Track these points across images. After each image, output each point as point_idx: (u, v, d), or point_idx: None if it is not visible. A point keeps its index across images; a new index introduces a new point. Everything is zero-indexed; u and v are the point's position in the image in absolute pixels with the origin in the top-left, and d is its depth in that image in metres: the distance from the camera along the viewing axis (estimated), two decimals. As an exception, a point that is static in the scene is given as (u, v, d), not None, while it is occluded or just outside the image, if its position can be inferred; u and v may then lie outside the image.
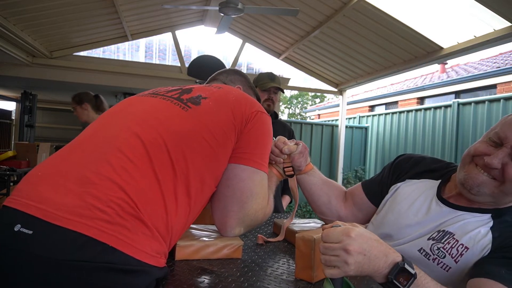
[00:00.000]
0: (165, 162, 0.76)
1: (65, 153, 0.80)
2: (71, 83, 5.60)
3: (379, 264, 0.66)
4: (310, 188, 1.22)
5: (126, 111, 0.89)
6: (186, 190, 0.78)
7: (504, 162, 0.82)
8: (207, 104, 0.90)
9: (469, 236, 0.84)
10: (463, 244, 0.84)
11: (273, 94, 2.29)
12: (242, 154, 0.91)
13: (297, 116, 17.54)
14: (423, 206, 0.97)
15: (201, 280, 0.80)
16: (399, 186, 1.07)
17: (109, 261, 0.62)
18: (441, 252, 0.86)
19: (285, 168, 1.17)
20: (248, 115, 0.93)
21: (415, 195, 1.01)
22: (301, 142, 1.19)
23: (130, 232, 0.66)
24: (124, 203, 0.67)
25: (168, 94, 0.94)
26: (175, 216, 0.75)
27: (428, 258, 0.87)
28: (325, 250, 0.66)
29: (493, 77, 7.18)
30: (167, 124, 0.82)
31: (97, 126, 0.87)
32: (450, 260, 0.84)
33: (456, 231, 0.87)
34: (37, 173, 0.75)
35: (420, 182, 1.04)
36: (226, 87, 1.05)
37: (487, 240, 0.83)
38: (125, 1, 4.38)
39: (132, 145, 0.76)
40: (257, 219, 0.97)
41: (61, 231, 0.62)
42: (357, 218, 1.18)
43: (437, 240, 0.88)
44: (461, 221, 0.88)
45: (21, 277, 0.61)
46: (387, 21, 3.91)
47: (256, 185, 0.93)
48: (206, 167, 0.83)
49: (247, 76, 1.26)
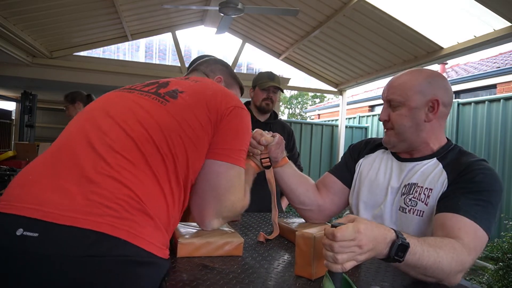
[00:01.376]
0: (156, 157, 0.77)
1: (55, 152, 0.78)
2: (71, 83, 5.59)
3: (381, 246, 0.74)
4: (288, 179, 1.27)
5: (109, 109, 0.87)
6: (177, 180, 0.80)
7: (388, 112, 1.13)
8: (183, 98, 0.91)
9: (429, 179, 1.05)
10: (427, 188, 1.04)
11: (272, 93, 2.28)
12: (219, 150, 0.92)
13: (297, 116, 17.55)
14: (387, 169, 1.18)
15: (202, 277, 0.81)
16: (361, 161, 1.28)
17: (123, 254, 0.64)
18: (412, 201, 1.06)
19: (262, 160, 1.19)
20: (224, 110, 0.92)
21: (377, 163, 1.22)
22: (277, 134, 1.22)
23: (139, 226, 0.67)
24: (131, 199, 0.69)
25: (145, 89, 0.94)
26: (173, 207, 0.78)
27: (406, 211, 1.06)
28: (341, 248, 0.68)
29: (493, 77, 7.20)
30: (150, 119, 0.83)
31: (82, 123, 0.85)
32: (421, 204, 1.04)
33: (418, 180, 1.08)
34: (27, 177, 0.74)
35: (376, 154, 1.26)
36: (204, 80, 1.05)
37: (443, 177, 1.03)
38: (125, 1, 4.38)
39: (124, 144, 0.77)
40: (236, 210, 0.99)
41: (70, 230, 0.63)
42: (334, 203, 1.29)
43: (407, 193, 1.08)
44: (418, 171, 1.09)
45: (33, 280, 0.60)
46: (387, 21, 3.92)
47: (232, 179, 0.94)
48: (188, 157, 0.84)
49: (229, 65, 1.26)
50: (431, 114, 1.08)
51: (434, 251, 0.79)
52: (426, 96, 1.07)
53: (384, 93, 1.15)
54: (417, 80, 1.08)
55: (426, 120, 1.08)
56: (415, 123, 1.08)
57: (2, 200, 0.69)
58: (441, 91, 1.08)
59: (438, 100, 1.07)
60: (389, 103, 1.13)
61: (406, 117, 1.08)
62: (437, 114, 1.08)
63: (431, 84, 1.08)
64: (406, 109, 1.08)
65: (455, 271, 0.83)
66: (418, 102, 1.07)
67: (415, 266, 0.79)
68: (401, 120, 1.09)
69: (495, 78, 7.18)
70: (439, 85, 1.09)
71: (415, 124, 1.08)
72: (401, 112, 1.09)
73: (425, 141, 1.10)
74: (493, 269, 3.18)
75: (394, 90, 1.11)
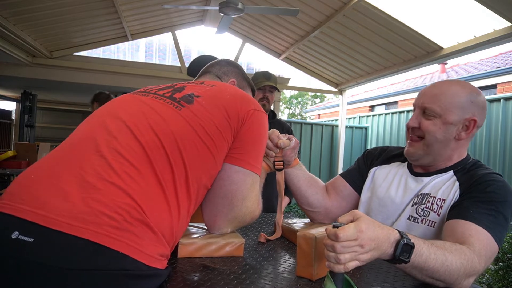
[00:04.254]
0: (165, 165, 0.74)
1: (59, 154, 0.77)
2: (71, 83, 5.61)
3: (385, 246, 0.72)
4: (298, 180, 1.26)
5: (120, 111, 0.85)
6: (186, 192, 0.77)
7: (419, 120, 1.06)
8: (200, 103, 0.87)
9: (442, 190, 1.03)
10: (440, 198, 1.01)
11: (268, 93, 2.26)
12: (237, 155, 0.90)
13: (297, 116, 17.55)
14: (400, 184, 1.13)
15: (203, 277, 0.80)
16: (374, 170, 1.23)
17: (122, 267, 0.62)
18: (425, 211, 1.03)
19: (275, 162, 1.18)
20: (244, 114, 0.90)
21: (390, 177, 1.18)
22: (294, 137, 1.20)
23: (138, 238, 0.65)
24: (132, 209, 0.66)
25: (160, 93, 0.91)
26: (178, 218, 0.74)
27: (417, 221, 1.03)
28: (343, 248, 0.67)
29: (493, 77, 7.20)
30: (163, 124, 0.80)
31: (91, 126, 0.83)
32: (433, 215, 1.01)
33: (431, 190, 1.05)
34: (30, 176, 0.72)
35: (390, 166, 1.21)
36: (220, 84, 1.01)
37: (455, 187, 1.01)
38: (125, 1, 4.38)
39: (132, 149, 0.74)
40: (245, 221, 0.98)
41: (66, 238, 0.60)
42: (342, 207, 1.27)
43: (419, 203, 1.05)
44: (431, 184, 1.06)
45: (25, 287, 0.58)
46: (387, 21, 3.92)
47: (248, 188, 0.92)
48: (203, 167, 0.82)
49: (241, 67, 1.23)
50: (464, 132, 1.03)
51: (442, 254, 0.77)
52: (465, 114, 1.01)
53: (420, 99, 1.07)
54: (460, 95, 1.02)
55: (456, 138, 1.03)
56: (446, 138, 1.03)
57: (3, 199, 0.68)
58: (480, 111, 1.02)
59: (476, 120, 1.01)
60: (423, 110, 1.05)
61: (440, 129, 1.02)
62: (469, 134, 1.03)
63: (473, 103, 1.02)
64: (441, 121, 1.02)
65: (464, 275, 0.80)
66: (455, 118, 1.01)
67: (422, 269, 0.76)
68: (434, 131, 1.02)
69: (495, 78, 7.19)
70: (480, 105, 1.03)
71: (445, 139, 1.03)
72: (435, 123, 1.02)
73: (447, 157, 1.06)
74: (493, 269, 3.18)
75: (434, 99, 1.03)
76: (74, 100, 9.08)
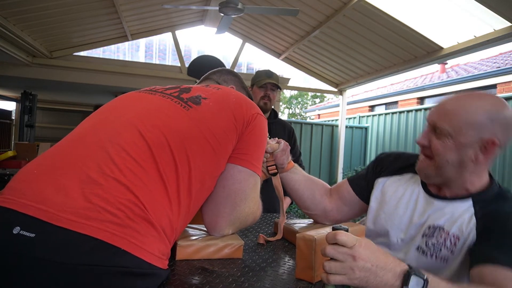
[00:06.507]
0: (169, 163, 0.75)
1: (62, 148, 0.76)
2: (71, 83, 5.60)
3: (388, 276, 0.65)
4: (294, 184, 1.25)
5: (126, 108, 0.86)
6: (188, 191, 0.77)
7: (430, 138, 0.94)
8: (207, 104, 0.89)
9: (456, 225, 0.91)
10: (454, 234, 0.90)
11: (270, 91, 2.22)
12: (241, 155, 0.91)
13: (297, 116, 17.54)
14: (410, 201, 1.03)
15: (201, 280, 0.80)
16: (384, 182, 1.13)
17: (122, 264, 0.61)
18: (436, 247, 0.92)
19: (268, 167, 1.18)
20: (249, 117, 0.93)
21: (401, 191, 1.07)
22: (282, 141, 1.20)
23: (140, 235, 0.65)
24: (134, 205, 0.66)
25: (167, 92, 0.92)
26: (178, 216, 0.75)
27: (426, 254, 0.93)
28: (335, 252, 0.65)
29: (493, 77, 7.19)
30: (170, 123, 0.81)
31: (95, 121, 0.83)
32: (446, 252, 0.90)
33: (445, 224, 0.93)
34: (32, 171, 0.71)
35: (403, 177, 1.11)
36: (225, 88, 1.04)
37: (472, 225, 0.89)
38: (125, 1, 4.38)
39: (136, 145, 0.74)
40: (247, 222, 0.99)
41: (67, 234, 0.60)
42: (342, 212, 1.23)
43: (430, 236, 0.94)
44: (447, 215, 0.94)
45: (24, 283, 0.58)
46: (387, 21, 3.91)
47: (250, 188, 0.93)
48: (207, 168, 0.83)
49: (240, 76, 1.26)
50: (481, 155, 0.89)
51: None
52: (482, 134, 0.87)
53: (432, 114, 0.95)
54: (476, 112, 0.88)
55: (473, 160, 0.89)
56: (460, 160, 0.90)
57: (4, 194, 0.67)
58: (502, 130, 0.87)
59: (495, 141, 0.87)
60: (434, 127, 0.94)
61: (451, 150, 0.90)
62: (489, 156, 0.89)
63: (492, 121, 0.87)
64: (453, 142, 0.89)
65: None
66: (470, 139, 0.88)
67: None
68: (444, 152, 0.91)
69: (495, 78, 7.17)
70: (502, 122, 0.87)
71: (460, 162, 0.90)
72: (446, 143, 0.90)
73: (464, 181, 0.93)
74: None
75: (445, 117, 0.91)
76: (74, 100, 9.08)
